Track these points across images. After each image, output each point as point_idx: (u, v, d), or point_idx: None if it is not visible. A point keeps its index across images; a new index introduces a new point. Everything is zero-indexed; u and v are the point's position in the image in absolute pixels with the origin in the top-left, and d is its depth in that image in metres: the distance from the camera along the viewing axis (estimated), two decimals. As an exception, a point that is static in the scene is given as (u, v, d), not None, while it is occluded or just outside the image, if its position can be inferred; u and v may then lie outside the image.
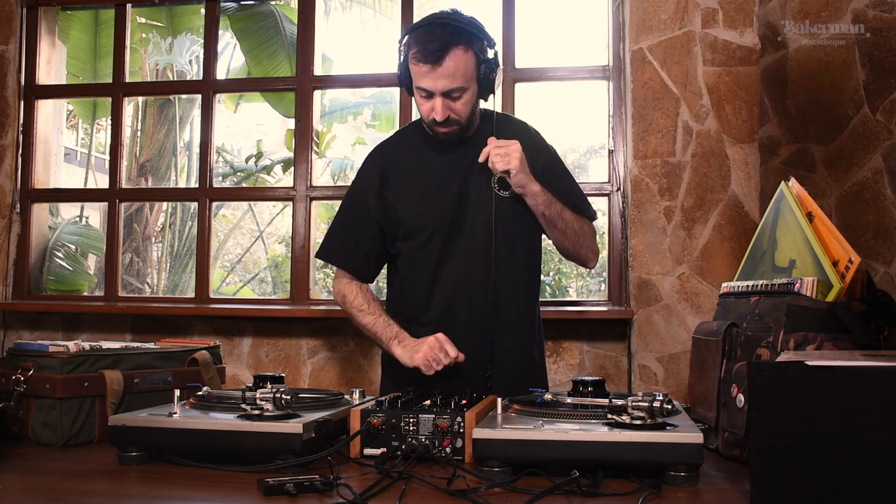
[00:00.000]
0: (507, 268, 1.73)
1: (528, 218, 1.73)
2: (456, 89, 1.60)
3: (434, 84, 1.59)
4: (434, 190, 1.73)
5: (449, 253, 1.72)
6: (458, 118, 1.64)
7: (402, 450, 1.16)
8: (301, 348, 2.88)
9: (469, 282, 1.72)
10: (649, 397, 1.06)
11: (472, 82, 1.62)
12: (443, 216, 1.72)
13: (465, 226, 1.72)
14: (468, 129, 1.71)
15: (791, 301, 1.16)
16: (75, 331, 3.02)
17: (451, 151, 1.74)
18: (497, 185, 1.71)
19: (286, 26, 4.73)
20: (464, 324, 1.71)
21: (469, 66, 1.60)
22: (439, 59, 1.56)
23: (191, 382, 1.50)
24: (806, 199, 1.33)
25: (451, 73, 1.57)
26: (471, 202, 1.72)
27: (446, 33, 1.58)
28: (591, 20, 9.47)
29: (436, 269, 1.73)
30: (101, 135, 8.55)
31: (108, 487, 1.06)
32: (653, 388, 2.60)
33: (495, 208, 1.69)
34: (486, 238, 1.70)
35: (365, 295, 1.77)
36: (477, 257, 1.71)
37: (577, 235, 1.76)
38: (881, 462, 0.81)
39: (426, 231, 1.72)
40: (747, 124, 2.63)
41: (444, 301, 1.73)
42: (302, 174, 3.00)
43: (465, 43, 1.59)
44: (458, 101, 1.62)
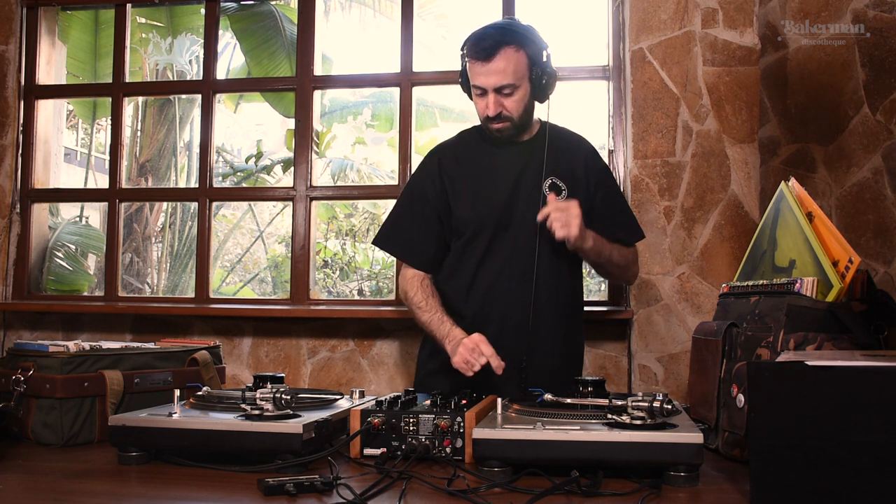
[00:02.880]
0: (550, 269, 1.78)
1: None
2: (507, 86, 1.68)
3: (486, 80, 1.67)
4: (486, 189, 1.80)
5: (493, 250, 1.79)
6: (509, 115, 1.72)
7: (402, 450, 1.16)
8: (301, 348, 2.88)
9: (510, 279, 1.77)
10: (649, 397, 1.06)
11: (524, 81, 1.70)
12: (491, 214, 1.78)
13: (513, 225, 1.78)
14: (522, 129, 1.79)
15: (791, 301, 1.16)
16: (75, 331, 3.02)
17: (507, 154, 1.82)
18: (549, 189, 1.77)
19: (286, 26, 4.73)
20: (499, 319, 1.77)
21: (520, 65, 1.69)
22: (490, 55, 1.65)
23: (191, 382, 1.50)
24: (806, 199, 1.33)
25: (501, 70, 1.66)
26: (520, 203, 1.78)
27: (498, 33, 1.69)
28: (591, 20, 9.46)
29: (479, 264, 1.79)
30: (101, 135, 8.55)
31: (108, 487, 1.06)
32: (653, 388, 2.60)
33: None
34: (531, 239, 1.75)
35: (425, 291, 1.82)
36: (520, 256, 1.77)
37: (620, 269, 1.87)
38: (881, 462, 0.81)
39: (474, 227, 1.80)
40: (747, 124, 2.63)
41: (482, 295, 1.79)
42: (302, 174, 3.00)
43: (517, 43, 1.69)
44: (509, 97, 1.70)
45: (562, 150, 1.84)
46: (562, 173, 1.81)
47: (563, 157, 1.83)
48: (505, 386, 1.62)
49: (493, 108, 1.70)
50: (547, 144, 1.80)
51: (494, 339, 1.66)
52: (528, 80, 1.71)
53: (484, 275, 1.79)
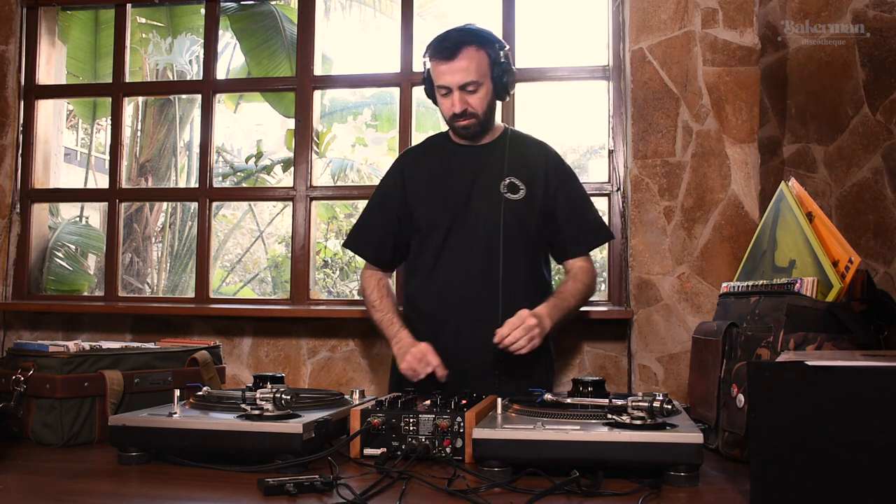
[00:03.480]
0: (507, 266, 1.79)
1: (533, 222, 1.83)
2: (471, 83, 1.75)
3: (451, 78, 1.75)
4: (444, 188, 1.87)
5: (449, 247, 1.84)
6: (475, 111, 1.79)
7: (402, 450, 1.16)
8: (301, 348, 2.88)
9: (466, 276, 1.82)
10: (649, 397, 1.06)
11: (486, 79, 1.78)
12: (446, 211, 1.84)
13: (468, 223, 1.82)
14: (486, 126, 1.85)
15: (791, 301, 1.16)
16: (75, 331, 3.02)
17: (467, 155, 1.89)
18: (507, 188, 1.81)
19: (286, 26, 4.73)
20: (458, 315, 1.81)
21: (482, 63, 1.76)
22: (453, 54, 1.73)
23: (191, 382, 1.50)
24: (806, 199, 1.33)
25: (465, 68, 1.74)
26: (476, 201, 1.83)
27: (459, 34, 1.78)
28: (591, 20, 9.47)
29: (435, 261, 1.85)
30: (101, 135, 8.55)
31: (108, 487, 1.06)
32: (653, 388, 2.60)
33: (501, 210, 1.80)
34: (487, 236, 1.80)
35: (380, 291, 1.91)
36: (477, 253, 1.81)
37: (583, 303, 1.89)
38: (881, 462, 0.81)
39: (430, 224, 1.86)
40: (747, 124, 2.63)
41: (439, 293, 1.85)
42: (302, 174, 3.00)
43: (478, 43, 1.77)
44: (473, 95, 1.77)
45: (523, 152, 1.89)
46: (521, 174, 1.85)
47: (524, 159, 1.87)
48: (479, 386, 1.63)
49: (458, 105, 1.76)
50: (508, 145, 1.87)
51: (453, 336, 1.78)
52: (490, 79, 1.78)
53: (440, 272, 1.86)
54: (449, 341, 1.79)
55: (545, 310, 1.67)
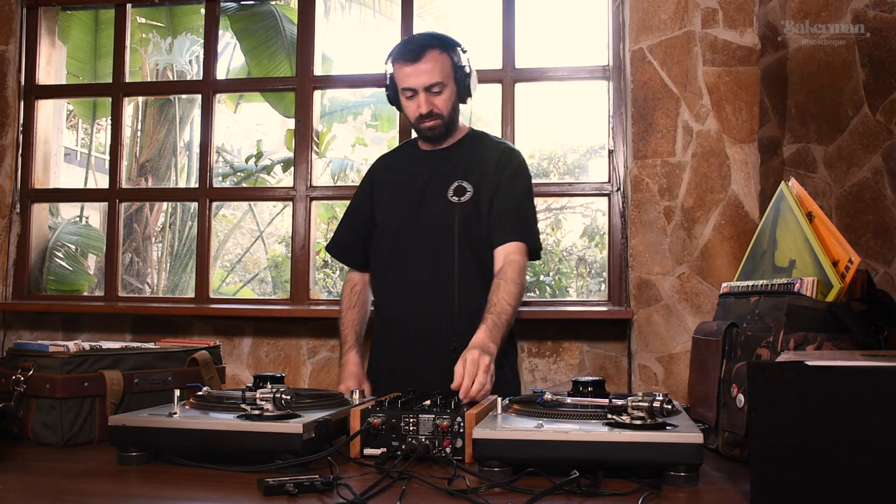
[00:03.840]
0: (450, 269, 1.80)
1: (481, 224, 1.82)
2: (436, 84, 1.79)
3: (417, 80, 1.78)
4: (400, 193, 1.92)
5: (398, 250, 1.88)
6: (440, 112, 1.83)
7: (402, 450, 1.16)
8: (301, 348, 2.88)
9: (412, 279, 1.85)
10: (649, 397, 1.06)
11: (450, 81, 1.83)
12: (397, 216, 1.89)
13: (416, 227, 1.86)
14: (451, 128, 1.89)
15: (791, 301, 1.16)
16: (75, 331, 3.02)
17: (427, 160, 1.92)
18: (454, 191, 1.83)
19: (286, 26, 4.72)
20: (406, 317, 1.86)
21: (445, 65, 1.81)
22: (418, 56, 1.78)
23: (191, 382, 1.50)
24: (806, 199, 1.33)
25: (429, 69, 1.78)
26: (425, 206, 1.86)
27: (422, 38, 1.83)
28: (591, 20, 9.47)
29: (386, 264, 1.91)
30: (101, 135, 8.55)
31: (108, 487, 1.06)
32: (653, 388, 2.60)
33: (448, 213, 1.81)
34: (433, 240, 1.83)
35: (350, 300, 1.97)
36: (422, 257, 1.84)
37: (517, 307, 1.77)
38: (881, 462, 0.81)
39: (384, 228, 1.92)
40: (747, 124, 2.63)
41: (389, 295, 1.91)
42: (302, 174, 3.00)
43: (440, 46, 1.81)
44: (438, 96, 1.81)
45: (479, 154, 1.89)
46: (472, 176, 1.85)
47: (481, 161, 1.88)
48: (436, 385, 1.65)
49: (424, 106, 1.80)
50: (464, 149, 1.88)
51: (402, 337, 1.84)
52: (454, 81, 1.83)
53: (390, 275, 1.90)
54: (399, 342, 1.87)
55: (486, 336, 1.61)
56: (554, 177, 8.06)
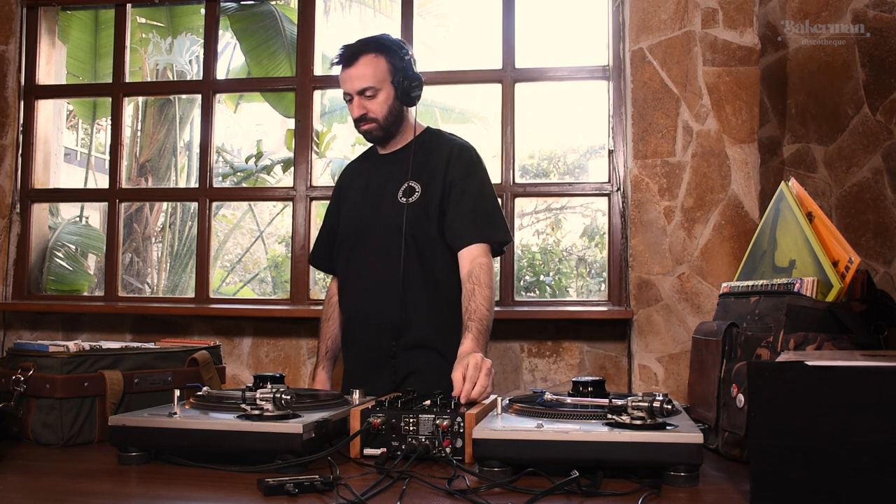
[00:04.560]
0: (402, 270, 1.80)
1: (431, 223, 1.81)
2: (368, 88, 1.80)
3: (350, 85, 1.81)
4: (360, 197, 1.94)
5: (355, 255, 1.90)
6: (374, 116, 1.83)
7: (402, 450, 1.16)
8: (301, 348, 2.88)
9: (367, 281, 1.87)
10: (649, 397, 1.06)
11: (386, 85, 1.81)
12: (354, 221, 1.92)
13: (371, 231, 1.87)
14: (389, 131, 1.88)
15: (791, 301, 1.16)
16: (75, 331, 3.02)
17: (382, 164, 1.93)
18: (403, 193, 1.83)
19: (286, 26, 4.73)
20: (361, 321, 1.88)
21: (379, 69, 1.81)
22: (350, 61, 1.80)
23: (191, 382, 1.50)
24: (806, 199, 1.33)
25: (361, 74, 1.80)
26: (378, 209, 1.87)
27: (358, 43, 1.84)
28: (591, 20, 9.46)
29: (346, 269, 1.94)
30: (101, 135, 8.55)
31: (108, 487, 1.06)
32: (653, 388, 2.60)
33: (397, 215, 1.81)
34: (385, 242, 1.83)
35: (328, 311, 2.03)
36: (376, 260, 1.85)
37: (493, 310, 1.76)
38: (881, 462, 0.81)
39: (342, 234, 1.95)
40: (747, 124, 2.63)
41: (348, 298, 1.93)
42: (302, 174, 3.00)
43: (375, 50, 1.82)
44: (372, 100, 1.81)
45: (430, 153, 1.88)
46: (422, 176, 1.84)
47: (430, 160, 1.86)
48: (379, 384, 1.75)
49: (356, 111, 1.82)
50: (416, 150, 1.87)
51: (359, 339, 1.87)
52: (391, 84, 1.82)
53: (349, 279, 1.93)
54: (355, 342, 1.92)
55: (474, 344, 1.62)
56: (554, 177, 8.06)
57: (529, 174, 7.87)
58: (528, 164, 7.98)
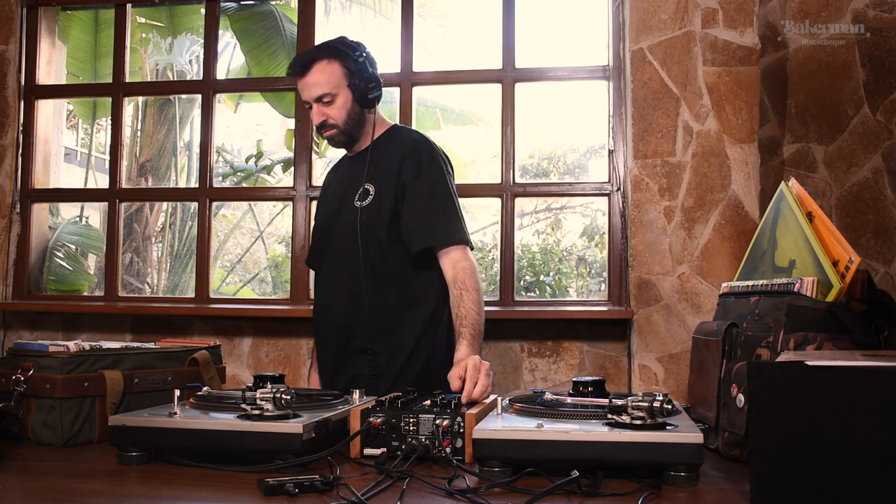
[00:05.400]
0: (358, 274, 1.80)
1: (385, 226, 1.79)
2: (325, 95, 1.79)
3: (308, 93, 1.80)
4: (328, 202, 1.96)
5: (325, 257, 1.91)
6: (334, 122, 1.82)
7: (402, 450, 1.16)
8: (301, 348, 2.88)
9: (329, 283, 1.89)
10: (649, 397, 1.06)
11: (342, 89, 1.80)
12: (323, 225, 1.94)
13: (337, 233, 1.87)
14: (351, 135, 1.86)
15: (791, 301, 1.16)
16: (75, 331, 3.02)
17: (348, 167, 1.94)
18: (358, 197, 1.83)
19: (286, 26, 4.72)
20: (330, 323, 1.88)
21: (334, 75, 1.79)
22: (304, 70, 1.79)
23: (191, 382, 1.50)
24: (806, 199, 1.33)
25: (315, 82, 1.78)
26: (343, 213, 1.87)
27: (311, 50, 1.84)
28: (591, 20, 9.46)
29: (319, 271, 1.96)
30: (101, 135, 8.55)
31: (108, 487, 1.06)
32: (653, 388, 2.60)
33: (353, 218, 1.81)
34: (344, 246, 1.84)
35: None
36: (338, 263, 1.87)
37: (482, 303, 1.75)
38: (881, 462, 0.81)
39: (315, 237, 1.98)
40: (747, 124, 2.63)
41: (319, 301, 1.94)
42: (302, 174, 3.00)
43: (328, 56, 1.80)
44: (330, 105, 1.80)
45: (386, 154, 1.85)
46: (376, 178, 1.82)
47: (385, 161, 1.83)
48: (338, 382, 1.81)
49: (316, 118, 1.81)
50: (373, 152, 1.86)
51: (323, 338, 1.90)
52: (347, 88, 1.80)
53: (319, 282, 1.96)
54: (319, 342, 1.94)
55: (469, 350, 1.62)
56: (554, 177, 8.06)
57: (529, 174, 7.87)
58: (528, 163, 7.99)
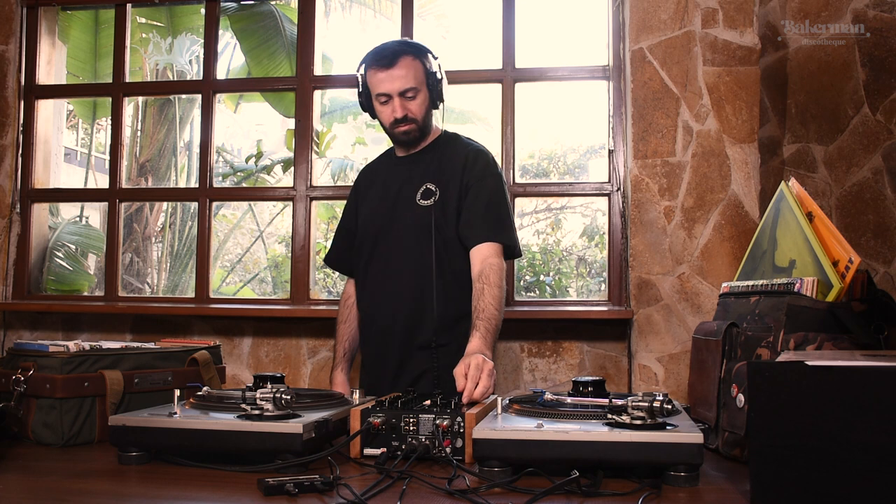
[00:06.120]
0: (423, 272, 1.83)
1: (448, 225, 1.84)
2: (410, 89, 1.83)
3: (391, 86, 1.82)
4: (375, 200, 1.97)
5: (375, 257, 1.92)
6: (414, 117, 1.86)
7: (402, 450, 1.16)
8: (301, 348, 2.88)
9: (388, 282, 1.89)
10: (649, 397, 1.06)
11: (423, 86, 1.86)
12: (373, 224, 1.94)
13: (390, 234, 1.90)
14: (425, 131, 1.92)
15: (791, 301, 1.16)
16: (75, 331, 3.02)
17: (401, 166, 1.96)
18: (421, 195, 1.86)
19: (286, 26, 4.73)
20: (383, 323, 1.89)
21: (418, 71, 1.85)
22: (392, 63, 1.82)
23: (191, 382, 1.51)
24: (806, 199, 1.33)
25: (403, 75, 1.82)
26: (397, 212, 1.89)
27: (395, 45, 1.87)
28: (591, 20, 9.48)
29: (364, 271, 1.95)
30: (101, 135, 8.55)
31: (108, 487, 1.06)
32: (653, 388, 2.60)
33: (416, 217, 1.84)
34: (404, 245, 1.87)
35: (343, 313, 2.02)
36: (395, 262, 1.88)
37: (502, 311, 1.76)
38: (881, 462, 0.81)
39: (361, 236, 1.97)
40: (747, 124, 2.63)
41: (368, 301, 1.94)
42: (302, 174, 3.00)
43: (413, 53, 1.86)
44: (412, 101, 1.84)
45: (448, 156, 1.91)
46: (439, 178, 1.88)
47: (448, 163, 1.90)
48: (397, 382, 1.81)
49: (399, 110, 1.83)
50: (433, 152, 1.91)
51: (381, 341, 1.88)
52: (426, 87, 1.87)
53: (368, 282, 1.94)
54: (374, 343, 1.93)
55: (482, 343, 1.63)
56: (554, 177, 8.06)
57: (529, 174, 7.87)
58: (528, 163, 7.99)
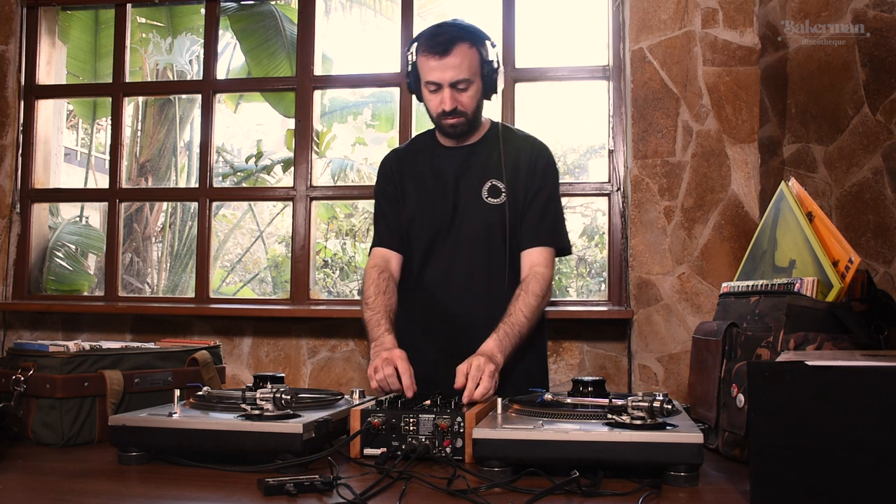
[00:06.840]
0: (490, 272, 1.77)
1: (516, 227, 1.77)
2: (462, 80, 1.69)
3: (443, 75, 1.68)
4: (430, 192, 1.82)
5: (434, 255, 1.80)
6: (464, 110, 1.72)
7: (402, 450, 1.16)
8: (301, 348, 2.88)
9: (450, 282, 1.79)
10: (649, 397, 1.06)
11: (477, 77, 1.71)
12: (432, 220, 1.80)
13: (454, 228, 1.79)
14: (475, 125, 1.79)
15: (791, 301, 1.16)
16: (75, 331, 3.02)
17: (452, 156, 1.83)
18: (488, 192, 1.77)
19: (286, 26, 4.73)
20: (443, 324, 1.78)
21: (474, 61, 1.70)
22: (446, 50, 1.67)
23: (191, 382, 1.50)
24: (806, 199, 1.33)
25: (457, 65, 1.67)
26: (460, 209, 1.79)
27: (453, 30, 1.71)
28: (591, 20, 9.47)
29: (422, 264, 1.82)
30: (101, 135, 8.55)
31: (108, 487, 1.06)
32: (653, 388, 2.60)
33: (485, 215, 1.76)
34: (471, 244, 1.77)
35: (378, 286, 1.78)
36: (461, 260, 1.78)
37: (535, 320, 1.71)
38: (881, 462, 0.81)
39: (419, 225, 1.82)
40: (747, 124, 2.63)
41: (426, 300, 1.81)
42: (302, 174, 3.00)
43: (470, 40, 1.70)
44: (464, 93, 1.70)
45: (508, 152, 1.81)
46: (504, 176, 1.79)
47: (509, 160, 1.80)
48: None
49: (449, 103, 1.70)
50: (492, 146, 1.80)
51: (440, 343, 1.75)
52: (480, 77, 1.72)
53: (425, 280, 1.82)
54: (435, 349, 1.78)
55: (495, 346, 1.58)
56: (554, 177, 8.04)
57: (529, 174, 7.83)
58: (528, 164, 7.95)
